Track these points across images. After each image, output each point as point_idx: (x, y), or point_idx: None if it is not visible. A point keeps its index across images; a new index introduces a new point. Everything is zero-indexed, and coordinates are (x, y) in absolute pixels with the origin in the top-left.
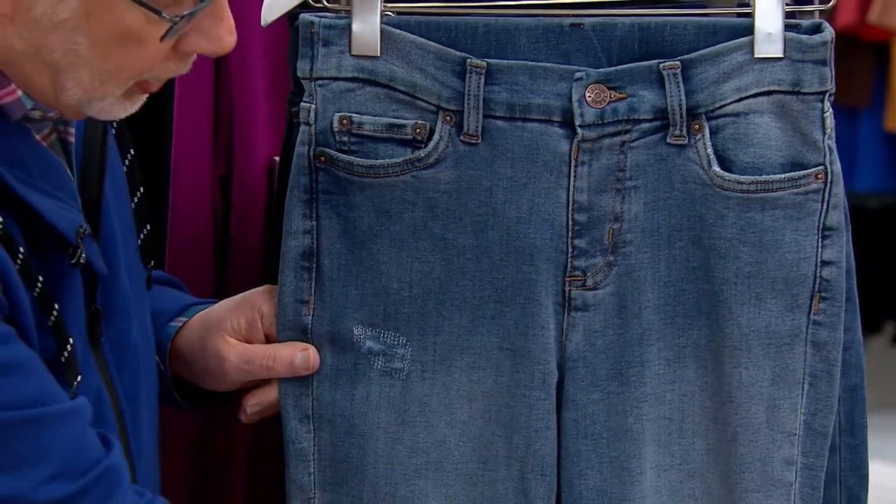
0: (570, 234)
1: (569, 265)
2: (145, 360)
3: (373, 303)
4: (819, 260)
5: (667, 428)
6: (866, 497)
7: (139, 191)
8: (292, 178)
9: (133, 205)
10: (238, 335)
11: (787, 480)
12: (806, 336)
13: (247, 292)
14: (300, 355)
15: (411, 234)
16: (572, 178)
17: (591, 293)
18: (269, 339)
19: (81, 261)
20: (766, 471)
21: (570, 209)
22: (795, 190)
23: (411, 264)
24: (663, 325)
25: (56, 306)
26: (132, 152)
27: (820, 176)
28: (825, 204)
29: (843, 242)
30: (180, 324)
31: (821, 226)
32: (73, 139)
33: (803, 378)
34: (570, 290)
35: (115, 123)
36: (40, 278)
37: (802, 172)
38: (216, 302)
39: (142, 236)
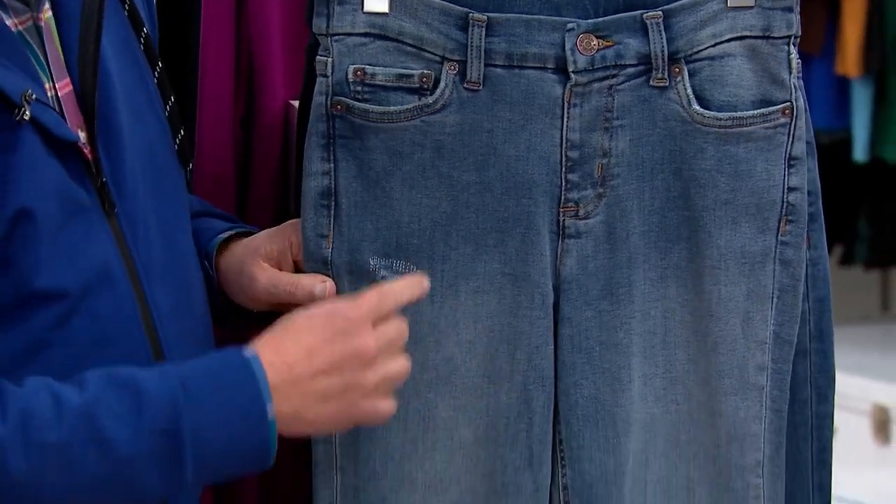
0: (563, 169)
1: (563, 197)
2: (167, 242)
3: (386, 235)
4: (786, 186)
5: (651, 341)
6: (833, 395)
7: (159, 66)
8: (311, 124)
9: (166, 111)
10: (271, 261)
11: (760, 384)
12: (775, 255)
13: (282, 224)
14: (319, 286)
15: (420, 173)
16: (565, 119)
17: (583, 222)
18: (297, 266)
19: (25, 117)
20: (742, 376)
21: (563, 147)
22: (766, 124)
23: (420, 200)
24: (648, 248)
25: None
26: (160, 65)
27: (787, 111)
28: (791, 136)
29: (805, 170)
30: (226, 235)
31: (787, 156)
32: (42, 24)
33: (773, 293)
34: (564, 220)
35: (142, 38)
36: None
37: (771, 108)
38: (258, 230)
39: (178, 140)
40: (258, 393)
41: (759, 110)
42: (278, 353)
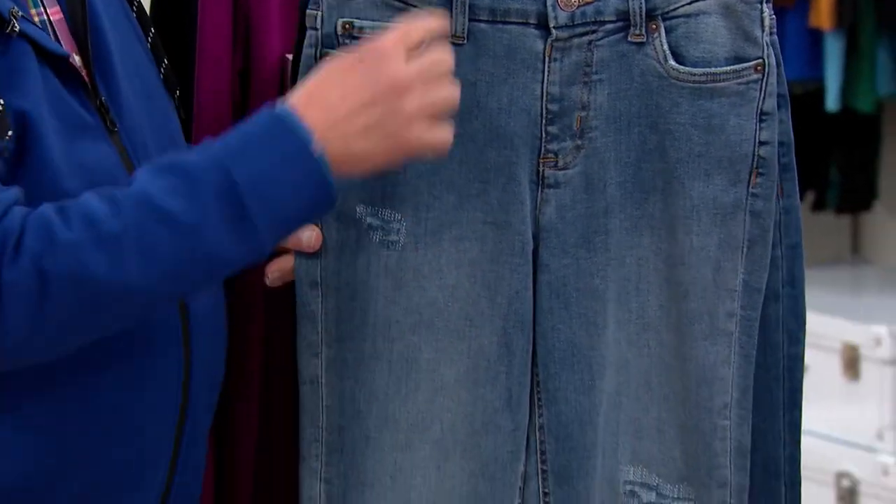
0: (543, 121)
1: (542, 148)
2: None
3: (373, 185)
4: (757, 140)
5: (626, 287)
6: (804, 338)
7: (151, 32)
8: (301, 75)
9: (149, 42)
10: None
11: (729, 330)
12: (746, 206)
13: None
14: (307, 234)
15: None
16: (546, 73)
17: (562, 172)
18: None
19: (15, 30)
20: (713, 322)
21: (543, 100)
22: (738, 80)
23: None
24: (624, 199)
25: None
26: (153, 31)
27: (759, 68)
28: (762, 92)
29: (776, 125)
30: None
31: (759, 111)
32: None
33: (743, 243)
34: (543, 170)
35: (135, 7)
36: None
37: (744, 65)
38: None
39: (162, 69)
40: (298, 135)
41: (732, 66)
42: (311, 100)
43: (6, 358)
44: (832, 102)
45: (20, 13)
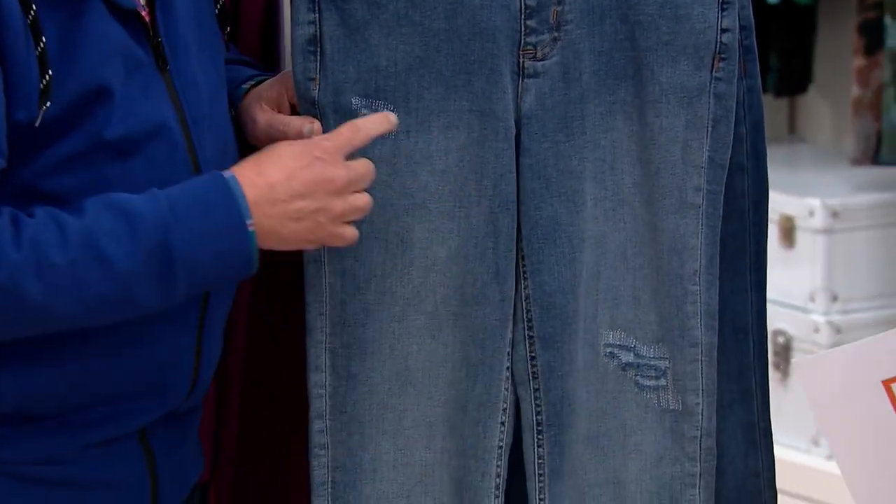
0: (522, 16)
1: (522, 41)
2: (211, 96)
3: (366, 78)
4: (719, 28)
5: (601, 167)
6: (767, 205)
7: None
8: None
9: None
10: (271, 104)
11: (697, 203)
12: (710, 89)
13: (282, 72)
14: (307, 126)
15: (396, 22)
16: None
17: (541, 63)
18: (294, 110)
19: None
20: (681, 197)
21: None
22: None
23: (396, 46)
24: (598, 86)
25: (43, 39)
26: None
27: None
28: None
29: (736, 13)
30: (248, 86)
31: (721, 0)
32: None
33: (708, 122)
34: (523, 62)
35: None
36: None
37: None
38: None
39: (218, 6)
40: (238, 208)
41: None
42: (260, 174)
43: None
44: None
45: None
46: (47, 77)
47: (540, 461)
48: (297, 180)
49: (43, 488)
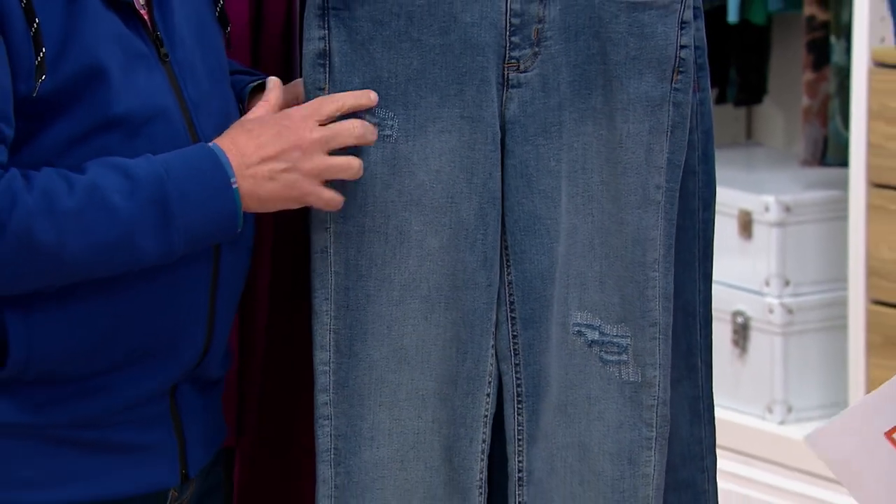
0: (507, 33)
1: (507, 55)
2: (210, 84)
3: (370, 88)
4: (678, 45)
5: (574, 167)
6: (714, 204)
7: None
8: None
9: None
10: (282, 109)
11: (657, 200)
12: (670, 99)
13: (293, 81)
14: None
15: (397, 38)
16: None
17: (523, 75)
18: None
19: None
20: (645, 194)
21: (507, 15)
22: None
23: (397, 59)
24: (573, 95)
25: (37, 20)
26: None
27: None
28: (683, 5)
29: (693, 32)
30: (256, 83)
31: (680, 21)
32: None
33: (668, 128)
34: (508, 73)
35: None
36: None
37: None
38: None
39: (218, 7)
40: (223, 168)
41: None
42: (234, 143)
43: None
44: (733, 15)
45: None
46: (42, 54)
47: (519, 428)
48: (267, 147)
49: (77, 452)
